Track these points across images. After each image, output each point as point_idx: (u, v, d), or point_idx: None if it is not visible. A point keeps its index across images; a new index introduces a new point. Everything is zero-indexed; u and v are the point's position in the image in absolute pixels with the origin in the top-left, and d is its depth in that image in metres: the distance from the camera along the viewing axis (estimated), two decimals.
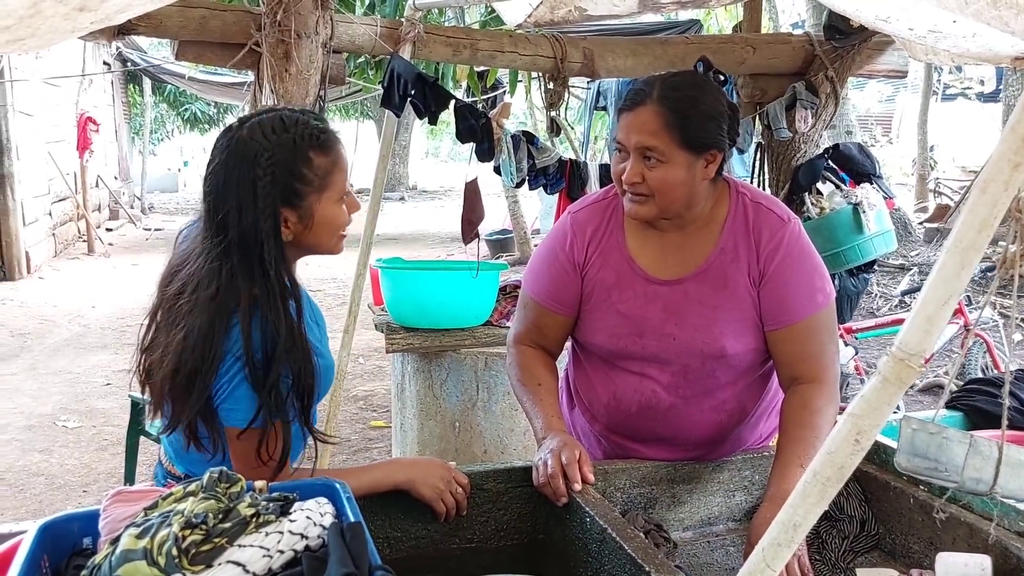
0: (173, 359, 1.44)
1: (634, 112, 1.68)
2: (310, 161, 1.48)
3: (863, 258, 3.55)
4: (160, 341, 1.49)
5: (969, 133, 18.38)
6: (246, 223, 1.43)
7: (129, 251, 12.95)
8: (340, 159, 1.53)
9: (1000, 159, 0.93)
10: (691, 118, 1.65)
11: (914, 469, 1.07)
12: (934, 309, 0.96)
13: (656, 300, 1.78)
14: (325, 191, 1.50)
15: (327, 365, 1.62)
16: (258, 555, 0.98)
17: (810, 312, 1.74)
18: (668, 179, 1.68)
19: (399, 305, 3.46)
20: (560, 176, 3.57)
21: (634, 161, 1.69)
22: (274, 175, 1.43)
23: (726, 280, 1.76)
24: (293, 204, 1.47)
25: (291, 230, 1.49)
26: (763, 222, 1.76)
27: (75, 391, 6.14)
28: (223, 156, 1.46)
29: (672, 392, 1.79)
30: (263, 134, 1.45)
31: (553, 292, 1.86)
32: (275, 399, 1.43)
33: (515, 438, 3.45)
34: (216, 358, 1.41)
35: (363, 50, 3.06)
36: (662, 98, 1.66)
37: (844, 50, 3.47)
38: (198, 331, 1.42)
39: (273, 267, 1.44)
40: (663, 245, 1.80)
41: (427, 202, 22.25)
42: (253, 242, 1.43)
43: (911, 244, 10.80)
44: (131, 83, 17.38)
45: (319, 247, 1.57)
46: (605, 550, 1.45)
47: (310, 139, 1.48)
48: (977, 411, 2.05)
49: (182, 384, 1.43)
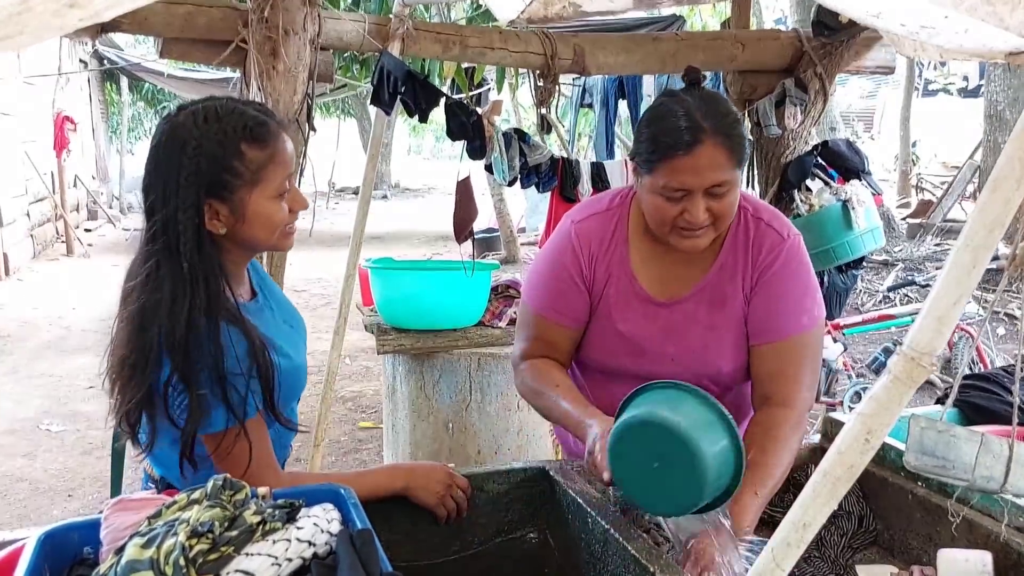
0: (119, 349, 1.43)
1: (694, 154, 1.57)
2: (241, 154, 1.43)
3: (852, 254, 3.56)
4: (115, 331, 1.47)
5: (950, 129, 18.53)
6: (168, 212, 1.41)
7: (109, 252, 12.82)
8: (278, 153, 1.48)
9: (1011, 158, 0.93)
10: (739, 138, 1.61)
11: (923, 468, 1.07)
12: (945, 308, 0.96)
13: (655, 321, 1.76)
14: (258, 185, 1.45)
15: (293, 367, 1.59)
16: (266, 563, 0.96)
17: (794, 332, 1.72)
18: (733, 202, 1.64)
19: (390, 306, 3.44)
20: (552, 174, 3.55)
21: (698, 200, 1.60)
22: (199, 165, 1.40)
23: (724, 299, 1.74)
24: (222, 197, 1.44)
25: (223, 222, 1.46)
26: (763, 238, 1.74)
27: (58, 394, 6.08)
28: (157, 141, 1.44)
29: None
30: (195, 122, 1.42)
31: (560, 305, 1.80)
32: (197, 401, 1.39)
33: (509, 438, 3.44)
34: (154, 349, 1.39)
35: (351, 47, 3.03)
36: (716, 129, 1.57)
37: (833, 46, 3.47)
38: (135, 319, 1.41)
39: (188, 259, 1.40)
40: (666, 261, 1.77)
41: (411, 200, 22.19)
42: (172, 231, 1.41)
43: (894, 239, 10.88)
44: (108, 81, 17.22)
45: (257, 242, 1.52)
46: (608, 551, 1.45)
47: (243, 131, 1.44)
48: (972, 407, 2.06)
49: (126, 374, 1.41)
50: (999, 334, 7.07)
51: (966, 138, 15.11)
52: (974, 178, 11.87)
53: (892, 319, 5.10)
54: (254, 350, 1.44)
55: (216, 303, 1.42)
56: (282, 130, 1.51)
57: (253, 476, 1.44)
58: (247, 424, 1.44)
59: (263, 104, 1.54)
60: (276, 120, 1.52)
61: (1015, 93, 10.32)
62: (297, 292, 8.98)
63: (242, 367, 1.42)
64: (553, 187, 3.63)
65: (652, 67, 3.53)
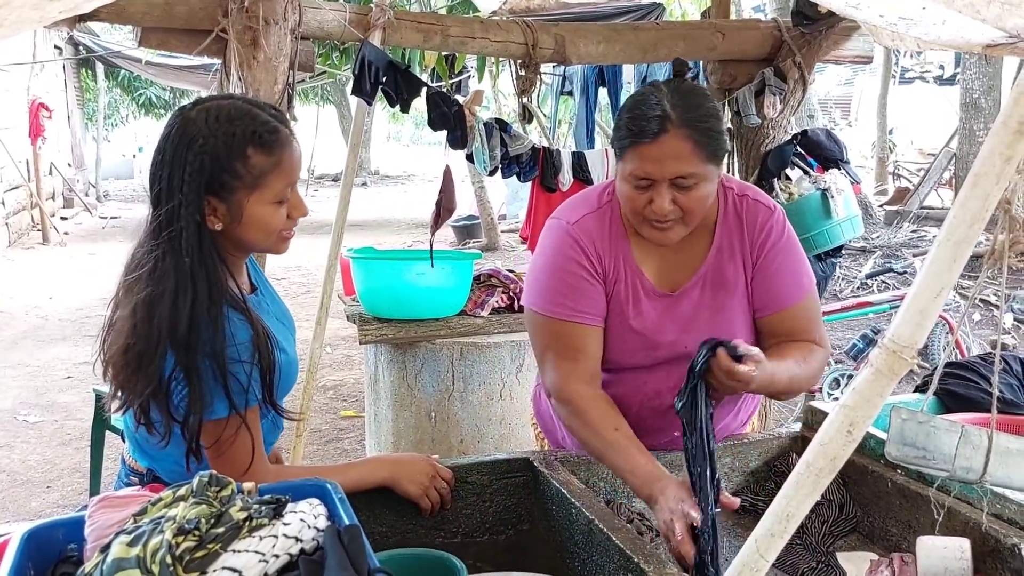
0: (121, 338, 1.43)
1: (659, 143, 1.58)
2: (246, 157, 1.44)
3: (832, 243, 3.58)
4: (116, 321, 1.47)
5: (927, 116, 18.66)
6: (173, 206, 1.42)
7: (86, 240, 12.70)
8: (283, 161, 1.48)
9: (991, 153, 0.93)
10: (712, 132, 1.60)
11: (904, 459, 1.08)
12: (926, 301, 0.97)
13: (666, 314, 1.77)
14: (257, 190, 1.46)
15: (288, 361, 1.60)
16: (253, 560, 0.96)
17: (799, 298, 1.78)
18: (701, 197, 1.63)
19: (372, 295, 3.43)
20: (533, 164, 3.55)
21: (664, 190, 1.60)
22: (202, 162, 1.42)
23: (725, 280, 1.76)
24: (220, 195, 1.45)
25: (220, 220, 1.47)
26: (753, 214, 1.77)
27: (35, 384, 6.03)
28: (167, 132, 1.46)
29: (674, 391, 1.77)
30: (206, 120, 1.43)
31: (583, 304, 1.73)
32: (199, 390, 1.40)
33: (492, 427, 3.45)
34: (161, 340, 1.39)
35: (332, 36, 3.01)
36: (684, 120, 1.58)
37: (812, 36, 3.48)
38: (140, 310, 1.41)
39: (188, 254, 1.41)
40: (663, 253, 1.77)
41: (390, 187, 22.10)
42: (176, 225, 1.42)
43: (871, 227, 10.95)
44: (83, 68, 17.00)
45: (252, 244, 1.53)
46: (592, 541, 1.46)
47: (252, 135, 1.44)
48: (950, 395, 2.08)
49: (132, 365, 1.42)
50: (975, 319, 7.15)
51: (942, 126, 15.22)
52: (950, 165, 11.97)
53: (870, 306, 5.14)
54: (257, 339, 1.45)
55: (218, 293, 1.43)
56: (293, 139, 1.51)
57: (244, 466, 1.45)
58: (248, 414, 1.45)
59: (278, 110, 1.54)
60: (288, 128, 1.52)
61: (990, 81, 10.42)
62: (277, 280, 8.92)
63: (244, 355, 1.43)
64: (534, 177, 3.63)
65: (633, 56, 3.53)
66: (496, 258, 9.84)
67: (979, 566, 1.44)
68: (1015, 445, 1.05)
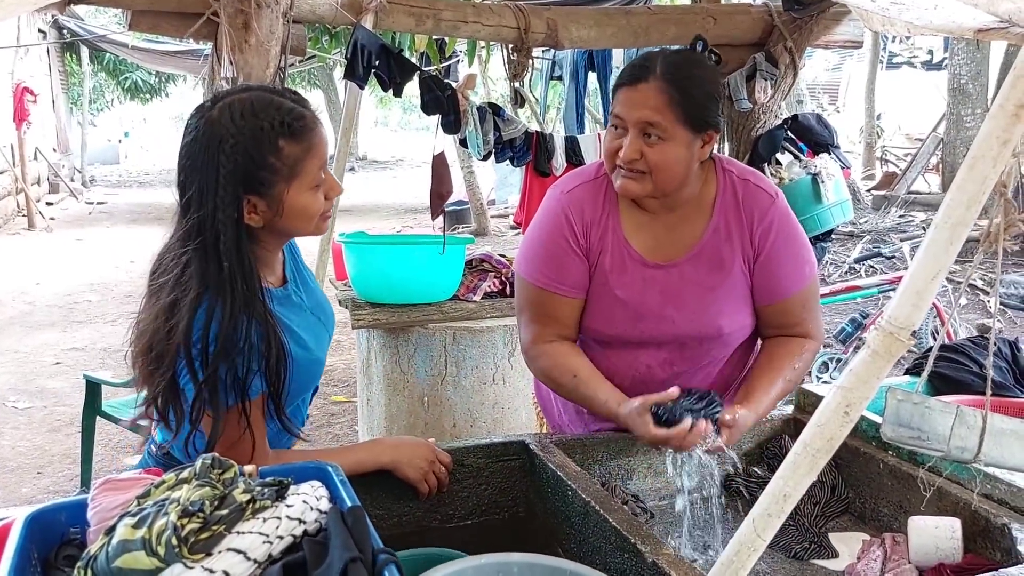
0: (144, 339, 1.43)
1: (636, 88, 1.66)
2: (279, 150, 1.41)
3: (822, 227, 3.61)
4: (141, 319, 1.47)
5: (914, 101, 18.71)
6: (206, 210, 1.39)
7: (72, 225, 12.63)
8: (314, 146, 1.46)
9: (988, 136, 0.94)
10: (694, 96, 1.65)
11: (900, 439, 1.10)
12: (923, 283, 0.98)
13: (654, 284, 1.78)
14: (295, 179, 1.44)
15: (311, 360, 1.60)
16: (258, 541, 0.97)
17: (800, 287, 1.80)
18: (668, 157, 1.66)
19: (365, 280, 3.43)
20: (526, 148, 3.55)
21: (633, 137, 1.66)
22: (236, 163, 1.38)
23: (721, 260, 1.77)
24: (260, 192, 1.42)
25: (261, 216, 1.45)
26: (753, 200, 1.78)
27: (23, 371, 6.00)
28: (192, 136, 1.41)
29: (666, 368, 1.81)
30: (231, 118, 1.39)
31: (562, 275, 1.79)
32: (211, 389, 1.40)
33: (485, 411, 3.46)
34: (177, 340, 1.39)
35: (324, 20, 3.00)
36: (666, 74, 1.64)
37: (802, 21, 3.50)
38: (162, 312, 1.41)
39: (228, 258, 1.39)
40: (655, 227, 1.79)
41: (378, 172, 22.04)
42: (211, 230, 1.39)
43: (859, 211, 11.00)
44: (68, 52, 16.83)
45: (297, 232, 1.53)
46: (588, 523, 1.47)
47: (280, 126, 1.41)
48: (941, 377, 2.11)
49: (152, 364, 1.42)
50: (961, 304, 7.20)
51: (929, 111, 15.27)
52: (937, 150, 12.02)
53: (858, 290, 5.17)
54: (268, 338, 1.43)
55: (253, 302, 1.41)
56: (318, 121, 1.49)
57: (244, 453, 1.45)
58: (250, 405, 1.44)
59: (297, 94, 1.52)
60: (311, 110, 1.50)
61: (978, 67, 10.46)
62: None
63: (250, 349, 1.41)
64: (527, 162, 3.63)
65: (624, 41, 3.53)
66: (486, 243, 9.84)
67: (969, 545, 1.46)
68: (1008, 425, 1.07)
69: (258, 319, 1.42)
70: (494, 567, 1.19)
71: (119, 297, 8.05)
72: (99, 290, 8.41)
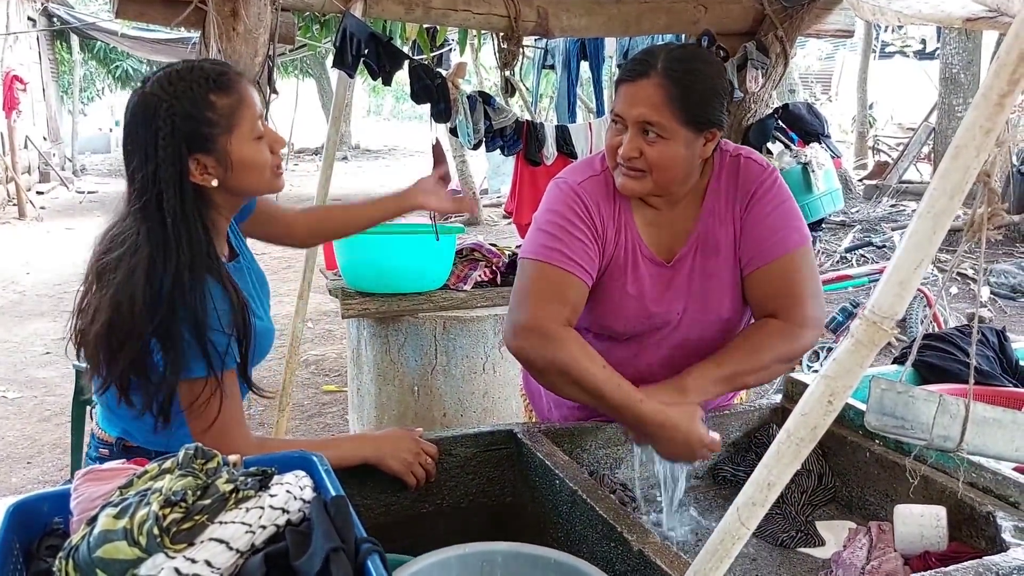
0: (104, 316, 1.43)
1: (636, 84, 1.61)
2: (211, 103, 1.47)
3: (812, 217, 3.62)
4: (91, 302, 1.48)
5: (906, 90, 18.71)
6: (147, 172, 1.44)
7: (62, 215, 12.57)
8: (245, 96, 1.52)
9: (972, 125, 0.94)
10: (695, 94, 1.60)
11: (883, 428, 1.10)
12: (907, 273, 0.98)
13: (662, 281, 1.76)
14: (235, 130, 1.49)
15: (265, 329, 1.62)
16: (240, 531, 0.96)
17: (782, 252, 1.71)
18: (667, 156, 1.62)
19: (355, 270, 3.42)
20: (517, 137, 3.54)
21: (633, 135, 1.63)
22: (174, 124, 1.44)
23: (717, 244, 1.75)
24: (206, 149, 1.47)
25: (213, 175, 1.49)
26: (746, 171, 1.75)
27: (13, 360, 5.98)
28: (131, 113, 1.48)
29: (667, 364, 1.78)
30: (161, 87, 1.46)
31: (577, 256, 1.70)
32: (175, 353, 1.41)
33: (475, 401, 3.47)
34: (142, 312, 1.40)
35: (312, 8, 2.98)
36: (667, 71, 1.59)
37: (793, 10, 3.49)
38: (121, 286, 1.42)
39: (170, 214, 1.43)
40: (659, 222, 1.77)
41: (371, 161, 21.97)
42: (153, 189, 1.43)
43: (851, 200, 11.03)
44: (58, 40, 16.73)
45: (252, 187, 1.57)
46: (576, 512, 1.47)
47: (207, 82, 1.48)
48: (927, 366, 2.12)
49: (115, 341, 1.43)
50: (951, 293, 7.23)
51: (922, 100, 15.29)
52: (929, 140, 12.04)
53: (849, 279, 5.18)
54: (234, 310, 1.46)
55: (200, 259, 1.44)
56: (242, 76, 1.56)
57: (224, 431, 1.46)
58: (224, 377, 1.45)
59: (218, 59, 1.58)
60: (234, 69, 1.56)
61: (969, 56, 10.46)
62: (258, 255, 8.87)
63: (222, 324, 1.44)
64: (518, 151, 3.62)
65: (616, 30, 3.51)
66: (478, 232, 9.82)
67: (955, 534, 1.47)
68: (991, 414, 1.07)
69: (219, 282, 1.45)
70: (479, 556, 1.20)
71: None
72: None
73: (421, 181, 2.02)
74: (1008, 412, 1.04)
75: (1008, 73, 0.88)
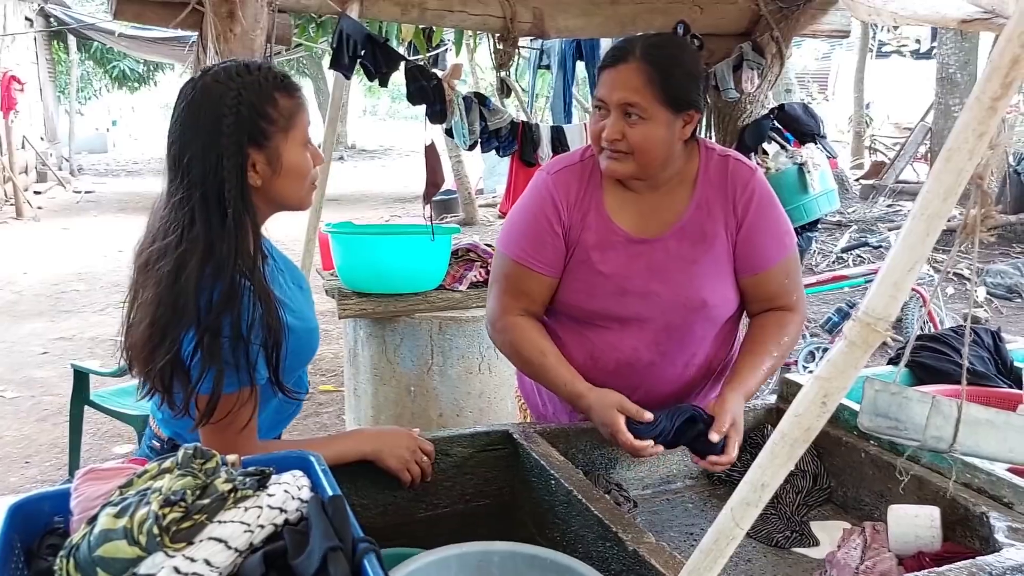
0: (148, 313, 1.41)
1: (616, 69, 1.70)
2: (275, 101, 1.47)
3: (808, 217, 3.62)
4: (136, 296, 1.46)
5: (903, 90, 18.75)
6: (209, 163, 1.41)
7: (59, 215, 12.56)
8: (304, 102, 1.54)
9: (964, 128, 0.95)
10: (673, 76, 1.69)
11: (877, 429, 1.10)
12: (900, 274, 0.99)
13: (638, 259, 1.80)
14: (291, 131, 1.50)
15: (307, 329, 1.60)
16: (239, 531, 0.97)
17: (782, 257, 1.83)
18: (649, 136, 1.70)
19: (351, 270, 3.42)
20: (512, 138, 3.55)
21: (615, 118, 1.71)
22: (239, 113, 1.42)
23: (704, 234, 1.80)
24: (260, 144, 1.46)
25: (259, 174, 1.47)
26: (734, 174, 1.82)
27: (10, 360, 5.97)
28: (187, 102, 1.45)
29: (652, 349, 1.83)
30: (228, 76, 1.45)
31: (538, 253, 1.82)
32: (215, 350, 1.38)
33: (471, 401, 3.47)
34: (186, 307, 1.38)
35: (309, 9, 2.99)
36: (645, 55, 1.68)
37: (789, 10, 3.50)
38: (166, 279, 1.39)
39: (232, 206, 1.40)
40: (640, 206, 1.82)
41: (367, 161, 21.97)
42: (214, 181, 1.41)
43: (847, 201, 11.04)
44: (55, 40, 16.71)
45: (288, 197, 1.54)
46: (572, 512, 1.48)
47: (275, 80, 1.49)
48: (922, 367, 2.12)
49: (156, 338, 1.40)
50: (948, 293, 7.24)
51: (918, 100, 15.31)
52: (925, 139, 12.06)
53: (846, 279, 5.19)
54: (267, 317, 1.42)
55: (250, 259, 1.43)
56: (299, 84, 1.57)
57: (238, 441, 1.45)
58: (250, 391, 1.44)
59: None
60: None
61: (966, 56, 10.48)
62: None
63: (254, 334, 1.41)
64: (513, 151, 3.63)
65: (611, 30, 3.52)
66: (474, 232, 9.84)
67: (949, 534, 1.48)
68: (984, 415, 1.07)
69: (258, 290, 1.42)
70: (476, 556, 1.20)
71: (107, 286, 8.01)
72: (87, 279, 8.37)
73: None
74: (1001, 413, 1.05)
75: (1001, 76, 0.89)
